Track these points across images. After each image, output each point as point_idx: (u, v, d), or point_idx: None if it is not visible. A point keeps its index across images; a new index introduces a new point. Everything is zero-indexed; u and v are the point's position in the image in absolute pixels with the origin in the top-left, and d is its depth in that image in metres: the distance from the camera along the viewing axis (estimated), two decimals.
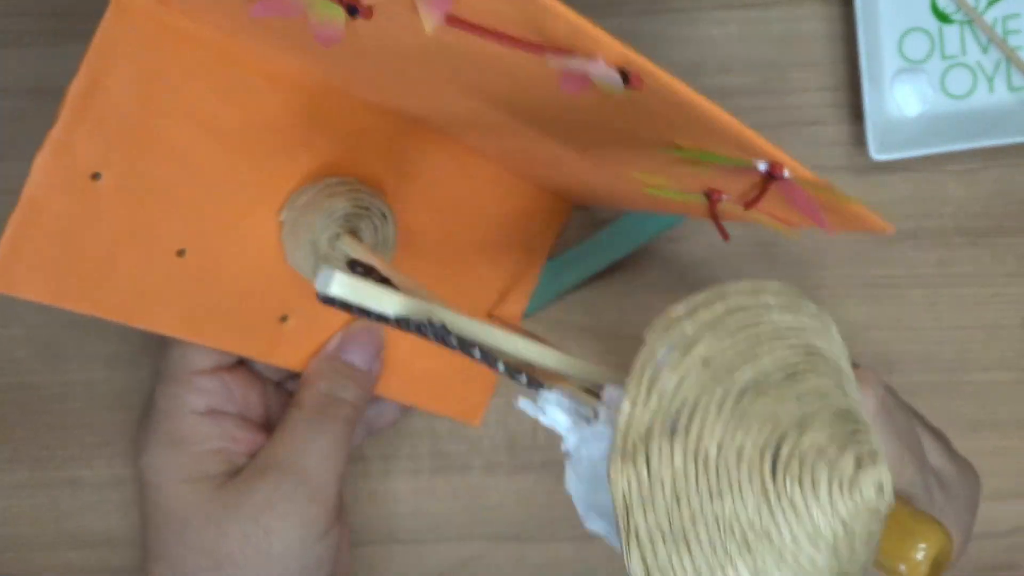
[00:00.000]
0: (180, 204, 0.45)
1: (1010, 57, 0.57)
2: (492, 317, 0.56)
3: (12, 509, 0.58)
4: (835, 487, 0.32)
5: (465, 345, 0.35)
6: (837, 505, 0.32)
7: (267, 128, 0.46)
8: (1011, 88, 0.57)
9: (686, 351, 0.33)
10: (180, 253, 0.46)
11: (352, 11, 0.35)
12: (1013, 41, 0.57)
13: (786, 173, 0.38)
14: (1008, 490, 0.57)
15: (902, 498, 0.46)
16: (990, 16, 0.57)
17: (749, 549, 0.31)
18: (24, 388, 0.58)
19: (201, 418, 0.50)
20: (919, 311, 0.58)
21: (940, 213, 0.58)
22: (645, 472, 0.32)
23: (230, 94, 0.45)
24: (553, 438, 0.59)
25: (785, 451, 0.32)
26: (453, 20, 0.32)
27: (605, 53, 0.33)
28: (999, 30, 0.57)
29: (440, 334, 0.35)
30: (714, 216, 0.44)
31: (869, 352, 0.58)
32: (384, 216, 0.49)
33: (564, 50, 0.33)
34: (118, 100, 0.43)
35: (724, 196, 0.43)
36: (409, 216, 0.51)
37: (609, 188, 0.51)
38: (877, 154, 0.56)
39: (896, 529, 0.44)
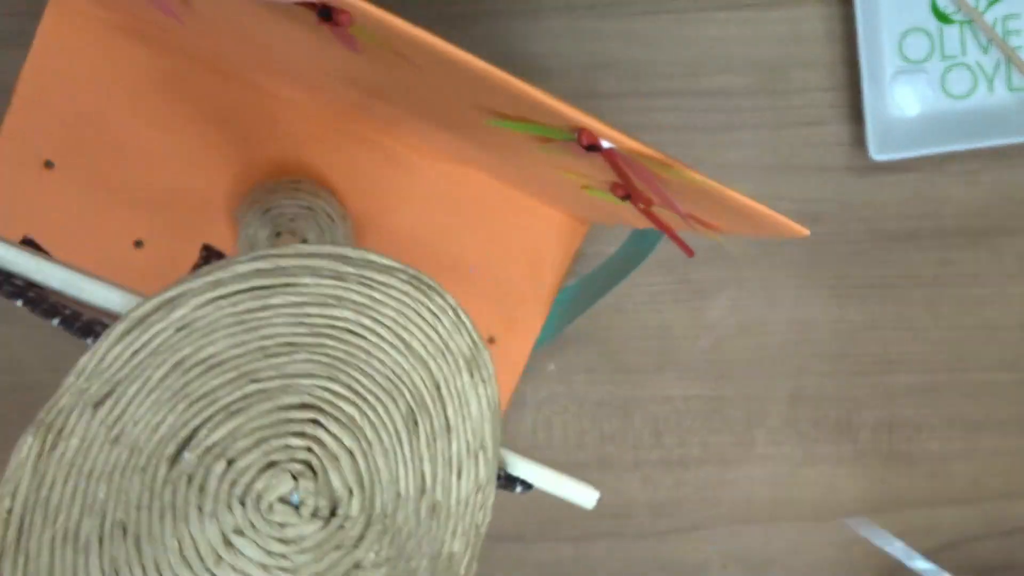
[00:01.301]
0: (134, 196, 0.46)
1: (1010, 57, 0.57)
2: (491, 343, 0.54)
3: None
4: (223, 492, 0.26)
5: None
6: (207, 518, 0.26)
7: (217, 122, 0.47)
8: (1011, 88, 0.57)
9: (170, 310, 0.28)
10: (138, 244, 0.48)
11: None
12: (1013, 41, 0.57)
13: (605, 143, 0.34)
14: (1008, 490, 0.57)
15: None
16: (990, 16, 0.57)
17: (106, 544, 0.26)
18: (24, 388, 0.58)
19: None
20: (919, 311, 0.58)
21: (940, 213, 0.58)
22: (50, 442, 0.28)
23: (175, 87, 0.45)
24: (553, 437, 0.59)
25: (199, 438, 0.27)
26: None
27: None
28: (999, 30, 0.57)
29: None
30: (649, 216, 0.42)
31: (869, 352, 0.58)
32: (331, 218, 0.48)
33: None
34: (66, 92, 0.44)
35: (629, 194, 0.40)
36: (383, 222, 0.51)
37: (559, 190, 0.50)
38: (877, 154, 0.56)
39: None
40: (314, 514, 0.27)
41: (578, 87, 0.58)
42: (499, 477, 0.33)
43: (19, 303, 0.30)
